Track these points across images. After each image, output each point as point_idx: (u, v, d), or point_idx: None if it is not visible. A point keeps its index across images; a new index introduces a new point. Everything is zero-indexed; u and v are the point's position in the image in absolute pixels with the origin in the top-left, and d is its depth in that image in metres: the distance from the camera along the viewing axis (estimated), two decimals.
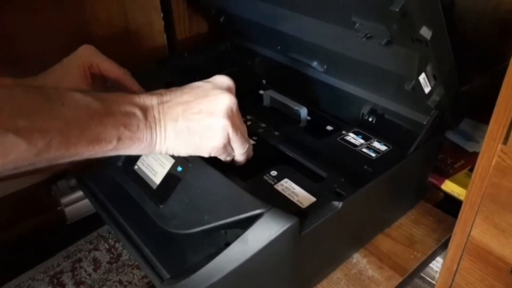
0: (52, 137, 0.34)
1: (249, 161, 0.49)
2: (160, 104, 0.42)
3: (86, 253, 0.66)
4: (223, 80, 0.45)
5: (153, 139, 0.41)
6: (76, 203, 0.69)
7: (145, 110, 0.41)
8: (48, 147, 0.34)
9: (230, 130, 0.43)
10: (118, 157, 0.52)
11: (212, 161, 0.45)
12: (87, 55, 0.50)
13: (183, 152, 0.44)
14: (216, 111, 0.42)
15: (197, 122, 0.42)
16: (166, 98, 0.43)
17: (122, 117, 0.39)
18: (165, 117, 0.42)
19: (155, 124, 0.41)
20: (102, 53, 0.51)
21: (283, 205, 0.43)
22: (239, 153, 0.46)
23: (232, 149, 0.45)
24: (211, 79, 0.45)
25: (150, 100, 0.42)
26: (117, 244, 0.67)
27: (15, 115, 0.32)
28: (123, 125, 0.39)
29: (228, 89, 0.44)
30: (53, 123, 0.34)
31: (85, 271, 0.63)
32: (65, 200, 0.68)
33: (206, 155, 0.44)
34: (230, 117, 0.43)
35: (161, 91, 0.44)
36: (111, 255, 0.66)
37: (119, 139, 0.38)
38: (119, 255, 0.66)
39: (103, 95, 0.39)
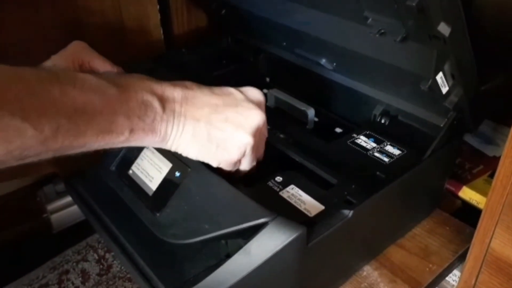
0: (60, 123, 0.34)
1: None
2: (184, 98, 0.42)
3: (74, 264, 0.66)
4: (255, 94, 0.46)
5: (168, 133, 0.41)
6: (63, 210, 0.69)
7: (164, 101, 0.40)
8: (55, 134, 0.33)
9: (249, 148, 0.44)
10: (111, 161, 0.53)
11: (212, 166, 0.46)
12: (78, 52, 0.50)
13: (193, 155, 0.44)
14: (244, 126, 0.43)
15: (221, 131, 0.42)
16: (191, 93, 0.43)
17: (138, 106, 0.38)
18: (187, 113, 0.42)
19: (173, 118, 0.41)
20: (94, 50, 0.51)
21: (289, 213, 0.43)
22: (242, 169, 0.47)
23: (239, 163, 0.46)
24: (243, 89, 0.46)
25: (172, 91, 0.42)
26: (107, 255, 0.68)
27: (22, 97, 0.32)
28: (138, 116, 0.38)
29: (260, 105, 0.45)
30: (62, 107, 0.34)
31: (73, 283, 0.63)
32: (51, 206, 0.68)
33: (215, 164, 0.44)
34: (256, 136, 0.44)
35: (187, 83, 0.44)
36: (101, 266, 0.66)
37: (131, 130, 0.38)
38: (110, 266, 0.66)
39: (120, 79, 0.39)
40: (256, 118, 0.43)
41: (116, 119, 0.37)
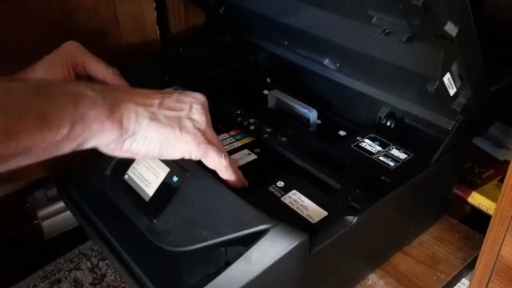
0: None
1: (252, 171, 0.50)
2: (121, 91, 0.42)
3: (66, 273, 0.67)
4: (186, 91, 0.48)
5: (121, 120, 0.39)
6: (55, 216, 0.69)
7: (99, 91, 0.39)
8: None
9: (206, 125, 0.44)
10: (106, 165, 0.53)
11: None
12: (71, 53, 0.50)
13: (155, 147, 0.42)
14: (194, 101, 0.45)
15: (176, 111, 0.43)
16: (130, 89, 0.43)
17: (69, 96, 0.37)
18: (134, 99, 0.41)
19: (118, 106, 0.39)
20: (88, 50, 0.52)
21: (291, 219, 0.44)
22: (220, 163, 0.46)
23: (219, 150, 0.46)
24: None
25: (103, 86, 0.41)
26: (100, 263, 0.68)
27: None
28: (73, 103, 0.37)
29: None
30: None
31: None
32: (42, 212, 0.69)
33: (185, 154, 0.43)
34: (206, 112, 0.45)
35: None
36: (94, 275, 0.66)
37: (72, 121, 0.36)
38: (103, 275, 0.66)
39: (42, 82, 0.38)
40: (199, 95, 0.46)
41: (47, 111, 0.35)
